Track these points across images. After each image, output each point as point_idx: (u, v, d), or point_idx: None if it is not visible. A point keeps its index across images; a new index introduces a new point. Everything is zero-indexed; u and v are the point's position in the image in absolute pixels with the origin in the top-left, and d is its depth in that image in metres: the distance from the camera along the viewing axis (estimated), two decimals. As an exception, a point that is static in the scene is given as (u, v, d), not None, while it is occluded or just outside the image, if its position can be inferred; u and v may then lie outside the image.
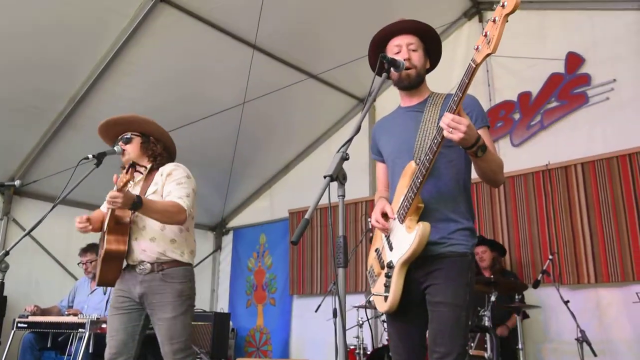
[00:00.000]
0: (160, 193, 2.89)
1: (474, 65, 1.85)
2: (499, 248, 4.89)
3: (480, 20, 5.86)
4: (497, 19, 1.76)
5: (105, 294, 4.57)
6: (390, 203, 2.22)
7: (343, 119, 6.75)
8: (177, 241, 2.90)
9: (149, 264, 2.83)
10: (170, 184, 2.89)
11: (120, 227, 2.85)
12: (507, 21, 1.77)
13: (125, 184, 2.57)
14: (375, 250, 2.30)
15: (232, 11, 4.93)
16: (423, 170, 2.01)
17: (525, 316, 4.55)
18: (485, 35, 1.80)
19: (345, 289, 1.73)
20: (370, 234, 3.53)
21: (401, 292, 2.08)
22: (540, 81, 5.24)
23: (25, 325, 4.32)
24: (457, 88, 1.92)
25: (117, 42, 4.76)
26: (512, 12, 1.73)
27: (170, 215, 2.78)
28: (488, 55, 1.81)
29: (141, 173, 2.93)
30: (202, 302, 7.10)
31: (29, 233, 2.94)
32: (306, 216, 1.57)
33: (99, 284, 3.01)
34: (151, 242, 2.85)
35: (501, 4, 1.75)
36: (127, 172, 2.64)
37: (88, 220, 2.83)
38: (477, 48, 1.83)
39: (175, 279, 2.83)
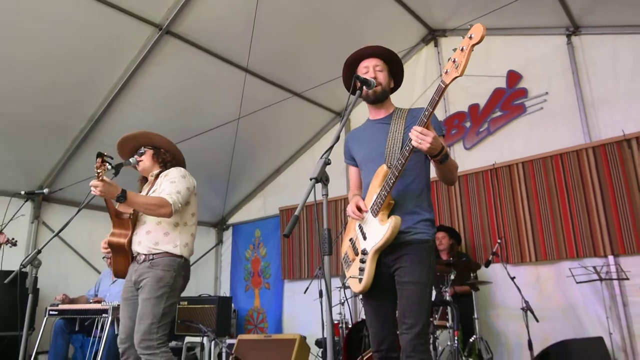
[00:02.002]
0: (159, 192, 2.81)
1: (443, 86, 1.83)
2: (456, 236, 4.94)
3: (436, 45, 5.91)
4: (464, 48, 1.74)
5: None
6: (363, 199, 2.23)
7: (323, 129, 6.76)
8: (171, 234, 2.77)
9: (143, 255, 2.73)
10: (165, 183, 2.82)
11: (123, 222, 2.79)
12: (472, 50, 1.74)
13: (99, 174, 2.49)
14: (350, 240, 2.30)
15: (227, 41, 4.92)
16: (396, 172, 2.02)
17: (475, 288, 4.59)
18: (454, 61, 1.77)
19: (330, 273, 1.74)
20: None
21: (374, 274, 2.10)
22: (486, 95, 5.31)
23: (56, 313, 4.26)
24: (428, 104, 1.90)
25: (129, 69, 4.72)
26: (479, 42, 1.71)
27: (153, 208, 2.65)
28: (456, 78, 1.79)
29: (109, 164, 2.67)
30: (207, 288, 7.06)
31: (57, 234, 2.90)
32: (296, 213, 1.58)
33: (115, 275, 2.91)
34: (147, 235, 2.76)
35: (469, 35, 1.73)
36: (96, 163, 2.55)
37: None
38: (447, 72, 1.81)
39: (159, 267, 2.68)
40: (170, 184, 2.79)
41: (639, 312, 4.02)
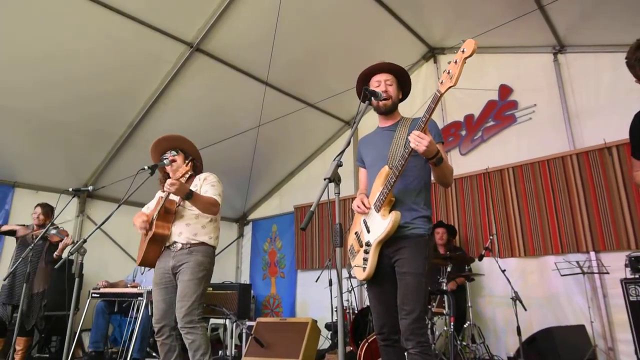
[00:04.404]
0: (204, 192, 2.87)
1: (439, 95, 1.82)
2: (453, 232, 4.92)
3: (435, 62, 5.88)
4: (458, 60, 1.73)
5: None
6: (368, 197, 2.22)
7: (333, 136, 6.74)
8: (207, 228, 2.84)
9: (180, 244, 2.76)
10: (206, 186, 2.90)
11: (167, 216, 2.82)
12: (465, 63, 1.73)
13: (184, 175, 2.62)
14: (355, 233, 2.29)
15: (249, 57, 4.95)
16: (396, 172, 2.01)
17: (471, 279, 4.56)
18: (448, 73, 1.76)
19: (341, 264, 1.72)
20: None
21: (376, 264, 2.09)
22: (480, 106, 5.28)
23: (98, 295, 4.31)
24: (426, 111, 1.89)
25: (163, 82, 4.78)
26: (470, 56, 1.70)
27: (210, 207, 2.78)
28: (450, 87, 1.78)
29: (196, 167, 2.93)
30: (229, 276, 7.10)
31: (100, 227, 2.92)
32: (311, 209, 1.57)
33: (140, 264, 2.87)
34: (187, 227, 2.80)
35: (462, 49, 1.72)
36: (186, 165, 2.69)
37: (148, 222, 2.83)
38: (442, 82, 1.79)
39: (199, 253, 2.75)
40: (211, 187, 2.89)
41: (617, 303, 3.95)
